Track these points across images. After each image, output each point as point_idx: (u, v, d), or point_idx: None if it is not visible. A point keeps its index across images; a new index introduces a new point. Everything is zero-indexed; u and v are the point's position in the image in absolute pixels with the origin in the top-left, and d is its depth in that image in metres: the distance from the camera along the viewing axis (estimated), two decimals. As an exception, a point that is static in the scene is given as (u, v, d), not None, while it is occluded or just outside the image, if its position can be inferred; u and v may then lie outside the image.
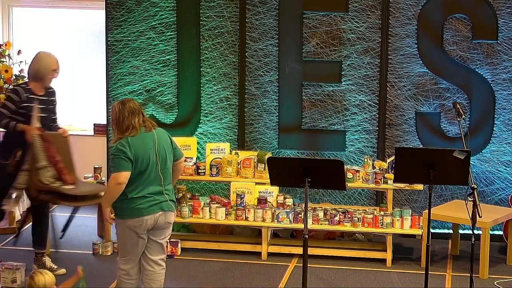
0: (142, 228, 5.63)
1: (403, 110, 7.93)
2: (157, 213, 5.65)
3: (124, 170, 5.52)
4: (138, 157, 5.55)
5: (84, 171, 7.90)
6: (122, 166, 5.52)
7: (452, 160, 5.70)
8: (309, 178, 5.60)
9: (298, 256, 7.38)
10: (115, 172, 5.52)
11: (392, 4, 7.82)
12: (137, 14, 8.20)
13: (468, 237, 6.12)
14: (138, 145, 5.57)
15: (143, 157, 5.57)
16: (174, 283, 6.80)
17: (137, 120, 5.62)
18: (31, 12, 8.95)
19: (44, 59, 6.87)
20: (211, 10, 8.08)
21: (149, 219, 5.62)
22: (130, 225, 5.62)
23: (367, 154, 7.81)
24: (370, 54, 7.89)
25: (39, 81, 6.85)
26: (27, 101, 6.75)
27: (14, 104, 6.74)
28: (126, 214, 5.61)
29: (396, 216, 7.28)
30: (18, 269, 6.61)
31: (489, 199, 7.83)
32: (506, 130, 7.81)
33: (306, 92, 8.03)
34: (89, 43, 8.82)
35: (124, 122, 5.58)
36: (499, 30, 7.70)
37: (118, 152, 5.54)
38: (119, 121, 5.59)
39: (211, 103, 8.19)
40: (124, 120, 5.58)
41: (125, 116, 5.58)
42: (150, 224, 5.64)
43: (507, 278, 6.97)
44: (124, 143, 5.55)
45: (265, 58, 8.04)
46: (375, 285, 6.85)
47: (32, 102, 6.76)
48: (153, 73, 8.26)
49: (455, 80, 7.81)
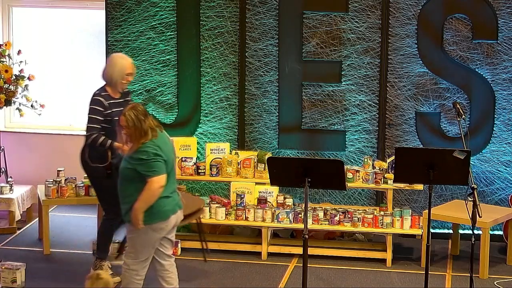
0: (167, 229, 5.69)
1: (403, 110, 7.93)
2: (177, 212, 5.74)
3: (164, 173, 5.57)
4: (167, 158, 5.61)
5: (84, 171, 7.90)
6: (162, 169, 5.56)
7: (452, 160, 5.70)
8: (309, 178, 5.60)
9: (298, 256, 7.38)
10: (157, 175, 5.52)
11: (392, 4, 7.82)
12: (137, 14, 8.20)
13: (468, 237, 6.12)
14: (163, 146, 5.62)
15: (168, 157, 5.63)
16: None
17: (151, 122, 5.66)
18: (31, 12, 8.94)
19: (118, 63, 6.77)
20: (211, 10, 8.08)
21: (173, 218, 5.70)
22: (157, 228, 5.64)
23: (367, 154, 7.81)
24: (370, 54, 7.89)
25: (113, 86, 6.79)
26: (109, 108, 6.73)
27: (101, 115, 6.70)
28: (156, 217, 5.62)
29: (396, 216, 7.28)
30: (18, 269, 6.61)
31: (489, 199, 7.83)
32: (506, 130, 7.81)
33: (306, 92, 8.03)
34: (89, 43, 8.82)
35: (143, 126, 5.56)
36: (499, 30, 7.70)
37: (154, 156, 5.54)
38: (139, 127, 5.56)
39: (211, 103, 8.19)
40: (143, 124, 5.56)
41: (141, 119, 5.58)
42: (173, 224, 5.72)
43: (507, 278, 6.97)
44: (155, 146, 5.56)
45: (265, 58, 8.04)
46: (375, 285, 6.85)
47: (113, 107, 6.73)
48: (153, 73, 8.26)
49: (455, 80, 7.81)
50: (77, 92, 8.89)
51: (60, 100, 8.93)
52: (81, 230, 8.06)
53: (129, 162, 5.59)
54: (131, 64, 6.79)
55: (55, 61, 8.90)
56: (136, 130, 5.56)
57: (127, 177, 5.61)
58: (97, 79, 8.66)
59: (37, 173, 8.53)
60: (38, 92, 8.48)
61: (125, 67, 6.74)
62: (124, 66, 6.74)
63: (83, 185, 7.61)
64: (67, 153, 8.69)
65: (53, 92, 8.89)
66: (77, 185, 7.62)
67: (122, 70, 6.73)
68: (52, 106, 8.76)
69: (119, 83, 6.75)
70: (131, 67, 6.79)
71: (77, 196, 7.62)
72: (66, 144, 8.76)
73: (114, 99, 6.78)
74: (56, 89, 8.92)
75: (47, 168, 8.46)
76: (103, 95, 6.75)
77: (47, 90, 8.81)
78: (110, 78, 6.76)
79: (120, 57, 6.84)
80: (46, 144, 8.79)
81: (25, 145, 8.80)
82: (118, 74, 6.73)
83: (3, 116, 8.92)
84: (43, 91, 8.67)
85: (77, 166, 6.91)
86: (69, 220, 8.25)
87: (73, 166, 8.31)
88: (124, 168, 5.63)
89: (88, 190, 7.61)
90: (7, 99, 8.09)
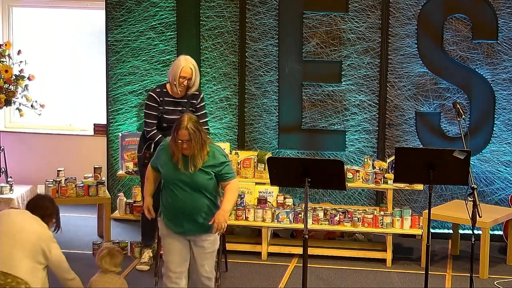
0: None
1: (403, 110, 7.93)
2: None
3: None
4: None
5: (84, 171, 7.91)
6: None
7: (452, 160, 5.70)
8: (309, 178, 5.60)
9: (298, 256, 7.38)
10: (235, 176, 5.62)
11: (392, 4, 7.82)
12: (137, 14, 8.20)
13: (468, 237, 6.12)
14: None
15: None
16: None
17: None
18: (31, 12, 8.94)
19: (176, 64, 6.79)
20: (211, 10, 8.08)
21: None
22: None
23: (367, 154, 7.81)
24: (370, 54, 7.89)
25: (172, 85, 6.82)
26: (161, 104, 6.78)
27: (155, 110, 6.77)
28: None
29: (396, 216, 7.28)
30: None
31: (489, 199, 7.83)
32: (506, 130, 7.81)
33: (306, 92, 8.03)
34: (89, 43, 8.82)
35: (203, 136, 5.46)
36: (499, 30, 7.70)
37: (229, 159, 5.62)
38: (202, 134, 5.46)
39: (211, 103, 8.19)
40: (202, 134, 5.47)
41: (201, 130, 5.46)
42: None
43: (507, 278, 6.97)
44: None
45: (265, 58, 8.04)
46: (375, 285, 6.85)
47: (167, 105, 6.79)
48: (153, 73, 8.26)
49: (455, 80, 7.81)
50: (77, 92, 8.89)
51: (60, 100, 8.93)
52: (81, 230, 8.05)
53: (206, 172, 5.45)
54: (188, 68, 6.72)
55: (55, 61, 8.90)
56: (202, 137, 5.44)
57: (205, 188, 5.48)
58: (97, 79, 8.70)
59: (37, 173, 8.53)
60: (38, 92, 8.48)
61: (179, 70, 6.72)
62: (179, 68, 6.73)
63: (83, 185, 7.60)
64: (67, 153, 8.70)
65: (53, 92, 8.89)
66: (77, 185, 7.61)
67: (176, 72, 6.74)
68: (52, 106, 8.77)
69: (174, 84, 6.78)
70: (187, 72, 6.73)
71: (77, 196, 7.62)
72: (66, 144, 8.77)
73: (172, 98, 6.82)
74: (56, 89, 8.93)
75: (47, 168, 8.47)
76: (158, 91, 6.85)
77: (47, 90, 8.81)
78: (169, 75, 6.86)
79: (183, 58, 6.81)
80: (46, 144, 8.79)
81: (25, 145, 8.80)
82: (172, 75, 6.78)
83: (3, 116, 8.92)
84: (43, 91, 8.68)
85: (77, 166, 6.92)
86: (69, 220, 8.24)
87: (73, 166, 8.34)
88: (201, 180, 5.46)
89: (88, 190, 7.62)
90: (7, 99, 8.09)
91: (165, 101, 6.81)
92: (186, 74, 6.73)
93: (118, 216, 8.14)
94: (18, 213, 5.41)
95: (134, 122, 8.33)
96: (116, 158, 8.33)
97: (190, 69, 6.73)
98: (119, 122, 8.36)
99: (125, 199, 8.08)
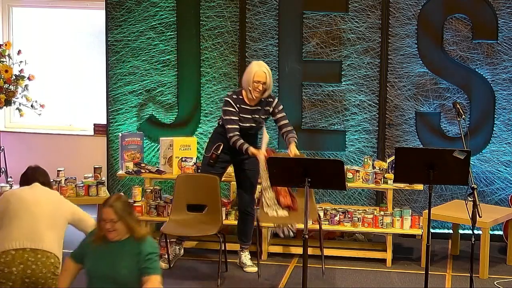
0: None
1: (403, 110, 7.93)
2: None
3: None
4: None
5: (84, 171, 7.90)
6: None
7: (452, 160, 5.69)
8: (309, 178, 5.60)
9: (298, 256, 7.38)
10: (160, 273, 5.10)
11: (392, 4, 7.82)
12: (137, 14, 8.20)
13: (468, 237, 6.12)
14: None
15: None
16: (175, 283, 6.80)
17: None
18: (31, 12, 8.95)
19: (248, 69, 6.80)
20: (211, 10, 8.08)
21: None
22: None
23: (367, 154, 7.81)
24: (370, 54, 7.89)
25: (247, 92, 6.81)
26: (239, 112, 6.79)
27: (235, 115, 6.78)
28: None
29: (396, 216, 7.28)
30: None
31: (489, 199, 7.83)
32: (506, 130, 7.81)
33: (306, 92, 8.03)
34: (89, 43, 8.82)
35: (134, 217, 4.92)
36: (499, 30, 7.70)
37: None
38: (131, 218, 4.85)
39: (211, 103, 8.19)
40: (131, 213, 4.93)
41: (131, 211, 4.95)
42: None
43: (507, 278, 6.97)
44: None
45: (265, 58, 8.04)
46: (375, 285, 6.85)
47: (243, 113, 6.80)
48: (153, 73, 8.26)
49: (455, 80, 7.81)
50: (77, 92, 8.90)
51: (60, 100, 8.94)
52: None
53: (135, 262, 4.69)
54: (261, 72, 6.71)
55: (55, 61, 8.91)
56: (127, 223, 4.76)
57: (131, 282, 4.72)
58: (97, 79, 8.70)
59: (37, 173, 8.52)
60: (38, 92, 8.49)
61: (253, 74, 6.71)
62: (252, 73, 6.72)
63: (83, 185, 7.60)
64: (67, 153, 8.70)
65: (53, 92, 8.90)
66: (77, 185, 7.61)
67: (250, 77, 6.74)
68: (52, 106, 8.77)
69: (249, 90, 6.76)
70: (260, 76, 6.71)
71: (77, 196, 7.61)
72: (66, 144, 8.77)
73: (247, 105, 6.82)
74: (56, 89, 8.93)
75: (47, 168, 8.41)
76: (234, 98, 6.84)
77: (47, 90, 8.81)
78: (242, 83, 6.87)
79: (256, 64, 6.82)
80: (46, 144, 8.79)
81: (25, 145, 8.80)
82: (246, 81, 6.77)
83: (3, 116, 8.93)
84: (43, 91, 8.68)
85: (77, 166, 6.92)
86: (69, 220, 8.24)
87: (73, 166, 8.34)
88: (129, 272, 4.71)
89: (88, 190, 7.62)
90: (7, 99, 8.10)
91: (241, 109, 6.82)
92: (260, 79, 6.72)
93: (118, 216, 8.12)
94: (27, 189, 5.41)
95: (134, 122, 8.33)
96: (116, 158, 8.33)
97: (264, 73, 6.72)
98: (119, 122, 8.36)
99: (125, 199, 8.07)
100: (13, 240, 5.13)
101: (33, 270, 5.11)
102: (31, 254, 5.12)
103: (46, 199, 5.36)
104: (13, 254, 5.10)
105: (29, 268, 5.11)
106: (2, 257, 5.10)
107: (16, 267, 5.09)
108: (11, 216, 5.21)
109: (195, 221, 7.00)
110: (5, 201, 5.31)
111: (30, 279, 5.12)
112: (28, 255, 5.12)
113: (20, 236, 5.15)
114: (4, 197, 5.37)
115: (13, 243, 5.13)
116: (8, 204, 5.27)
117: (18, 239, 5.14)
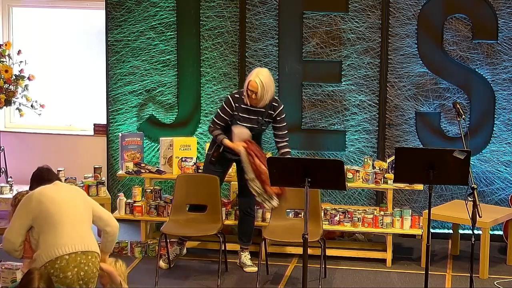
0: None
1: (403, 110, 7.93)
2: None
3: None
4: None
5: (84, 171, 7.90)
6: None
7: (452, 160, 5.69)
8: (309, 178, 5.60)
9: (298, 256, 7.38)
10: None
11: (392, 4, 7.82)
12: (137, 14, 8.20)
13: (468, 237, 6.12)
14: None
15: None
16: (175, 283, 6.80)
17: None
18: (31, 12, 8.94)
19: (249, 75, 6.85)
20: (211, 10, 8.08)
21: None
22: None
23: (367, 154, 7.81)
24: (370, 54, 7.89)
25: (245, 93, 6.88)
26: (235, 110, 6.84)
27: (226, 113, 6.86)
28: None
29: (396, 216, 7.28)
30: (18, 269, 6.59)
31: (489, 199, 7.84)
32: (506, 130, 7.81)
33: (306, 92, 8.03)
34: (89, 43, 8.82)
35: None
36: (499, 30, 7.70)
37: None
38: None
39: (211, 103, 8.19)
40: None
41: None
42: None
43: (507, 278, 6.97)
44: None
45: (265, 58, 8.04)
46: (375, 285, 6.85)
47: (240, 112, 6.84)
48: (153, 73, 8.26)
49: (455, 80, 7.81)
50: (77, 92, 8.89)
51: (60, 100, 8.93)
52: (81, 230, 8.04)
53: None
54: (254, 83, 6.73)
55: (55, 61, 8.90)
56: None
57: None
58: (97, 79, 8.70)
59: (37, 173, 8.51)
60: (38, 92, 8.48)
61: (248, 82, 6.78)
62: (247, 80, 6.80)
63: (83, 185, 7.60)
64: (67, 153, 8.69)
65: (53, 92, 8.89)
66: (77, 185, 7.61)
67: (246, 83, 6.82)
68: (52, 106, 8.76)
69: (245, 94, 6.82)
70: (253, 86, 6.74)
71: (77, 196, 7.60)
72: (66, 144, 8.76)
73: (246, 105, 6.84)
74: (56, 89, 8.92)
75: (47, 168, 8.45)
76: (236, 97, 6.89)
77: (47, 90, 8.80)
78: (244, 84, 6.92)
79: (256, 71, 6.84)
80: (46, 144, 8.79)
81: (25, 145, 8.79)
82: (245, 85, 6.83)
83: (3, 116, 8.92)
84: (43, 91, 8.67)
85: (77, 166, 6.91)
86: (69, 220, 8.24)
87: (73, 166, 8.33)
88: None
89: (88, 190, 7.61)
90: (7, 99, 8.09)
91: (240, 108, 6.84)
92: (252, 88, 6.76)
93: (118, 216, 8.08)
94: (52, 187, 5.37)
95: (134, 122, 8.33)
96: (116, 158, 8.33)
97: (256, 84, 6.72)
98: (119, 122, 8.36)
99: (125, 199, 8.05)
100: (64, 245, 5.14)
101: (86, 272, 5.17)
102: (83, 256, 5.16)
103: (75, 196, 5.37)
104: (67, 259, 5.12)
105: (82, 270, 5.15)
106: (57, 263, 5.10)
107: (71, 271, 5.12)
108: (51, 220, 5.19)
109: (195, 221, 7.01)
110: (37, 202, 5.25)
111: (83, 280, 5.16)
112: (80, 258, 5.15)
113: (70, 241, 5.15)
114: (34, 198, 5.28)
115: (64, 248, 5.13)
116: (42, 206, 5.22)
117: (68, 244, 5.15)
